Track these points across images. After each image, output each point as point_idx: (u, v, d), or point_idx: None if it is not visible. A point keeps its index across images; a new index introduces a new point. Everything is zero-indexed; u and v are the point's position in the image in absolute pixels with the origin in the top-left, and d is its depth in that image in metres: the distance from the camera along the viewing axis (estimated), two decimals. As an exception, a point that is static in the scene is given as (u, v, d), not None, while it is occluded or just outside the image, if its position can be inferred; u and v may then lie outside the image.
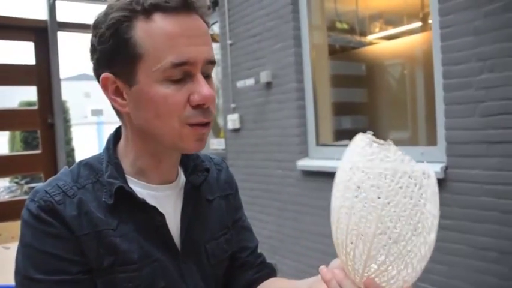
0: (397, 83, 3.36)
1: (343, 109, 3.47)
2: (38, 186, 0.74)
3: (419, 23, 2.93)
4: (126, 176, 0.77)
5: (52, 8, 3.74)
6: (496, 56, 1.96)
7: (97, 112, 23.55)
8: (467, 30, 2.05)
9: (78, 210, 0.72)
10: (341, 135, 3.32)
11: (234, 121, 3.72)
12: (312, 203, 3.07)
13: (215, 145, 4.06)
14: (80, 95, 23.16)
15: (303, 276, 0.83)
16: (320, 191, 3.00)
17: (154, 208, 0.76)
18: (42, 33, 3.73)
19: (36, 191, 0.73)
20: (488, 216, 2.03)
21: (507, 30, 1.91)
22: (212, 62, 0.73)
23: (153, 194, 0.78)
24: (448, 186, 2.15)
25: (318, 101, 3.18)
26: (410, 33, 3.06)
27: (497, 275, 2.02)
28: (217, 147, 4.02)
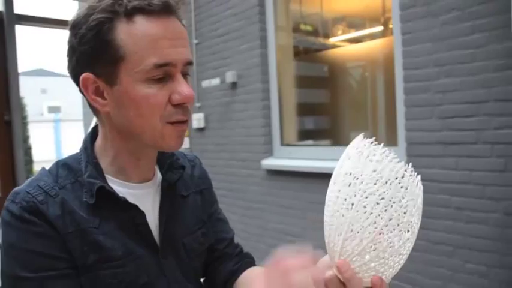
0: (360, 85, 3.46)
1: (307, 110, 3.54)
2: (17, 188, 0.74)
3: (380, 27, 3.04)
4: (106, 175, 0.78)
5: (8, 0, 3.61)
6: (451, 62, 2.07)
7: (54, 109, 22.80)
8: (426, 37, 2.16)
9: (61, 209, 0.72)
10: (304, 136, 3.40)
11: (199, 120, 3.73)
12: (277, 201, 3.13)
13: (180, 144, 4.04)
14: (36, 91, 22.32)
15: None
16: (284, 189, 3.07)
17: (135, 206, 0.78)
18: (-2, 26, 3.60)
19: (16, 193, 0.73)
20: (443, 212, 2.15)
21: (462, 39, 2.03)
22: (190, 63, 0.76)
23: (132, 192, 0.80)
24: (407, 184, 2.25)
25: (283, 101, 3.24)
26: (372, 37, 3.17)
27: (451, 268, 2.15)
28: (182, 146, 4.00)
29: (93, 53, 0.72)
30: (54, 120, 21.54)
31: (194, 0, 3.75)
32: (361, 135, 0.64)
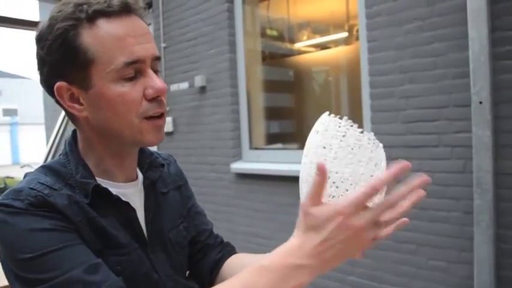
0: (326, 90, 3.56)
1: (275, 114, 3.60)
2: (16, 187, 0.72)
3: (345, 34, 3.15)
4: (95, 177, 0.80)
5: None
6: (414, 69, 2.19)
7: (10, 112, 21.94)
8: (390, 45, 2.26)
9: (68, 200, 0.73)
10: (273, 139, 3.46)
11: (168, 124, 3.71)
12: (245, 204, 3.17)
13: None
14: (-10, 94, 21.43)
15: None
16: (253, 193, 3.11)
17: (127, 204, 0.80)
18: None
19: (17, 190, 0.71)
20: (407, 212, 2.25)
21: (423, 47, 2.15)
22: (158, 58, 0.80)
23: (121, 191, 0.82)
24: (373, 186, 2.35)
25: (251, 105, 3.29)
26: (337, 43, 3.27)
27: (415, 265, 2.25)
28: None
29: (62, 61, 0.74)
30: (10, 123, 20.74)
31: (163, 4, 3.74)
32: (327, 113, 0.70)
